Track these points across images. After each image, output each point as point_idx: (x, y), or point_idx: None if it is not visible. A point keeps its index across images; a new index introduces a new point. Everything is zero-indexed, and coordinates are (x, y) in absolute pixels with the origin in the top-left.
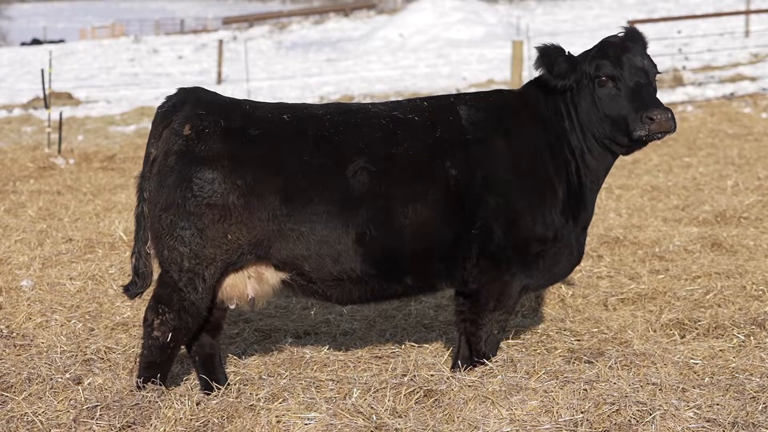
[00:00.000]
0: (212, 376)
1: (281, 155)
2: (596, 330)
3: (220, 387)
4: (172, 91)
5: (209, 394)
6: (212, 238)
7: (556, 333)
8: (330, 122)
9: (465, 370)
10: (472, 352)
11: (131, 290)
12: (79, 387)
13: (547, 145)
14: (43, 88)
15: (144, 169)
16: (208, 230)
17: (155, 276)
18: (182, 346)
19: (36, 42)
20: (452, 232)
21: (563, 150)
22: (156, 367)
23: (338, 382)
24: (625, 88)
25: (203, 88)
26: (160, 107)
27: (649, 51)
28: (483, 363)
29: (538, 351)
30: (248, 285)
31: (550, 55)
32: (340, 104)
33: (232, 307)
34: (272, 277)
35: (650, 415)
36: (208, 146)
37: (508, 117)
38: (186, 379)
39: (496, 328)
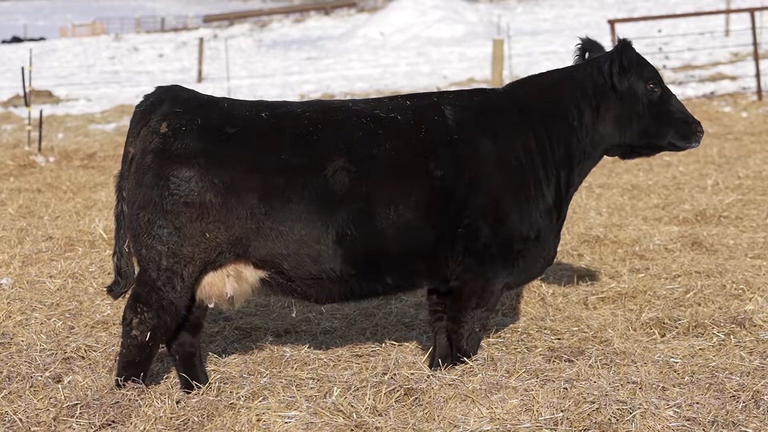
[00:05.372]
0: (192, 374)
1: (259, 153)
2: (576, 329)
3: (200, 386)
4: (152, 89)
5: (189, 393)
6: (190, 237)
7: (537, 332)
8: (309, 120)
9: (445, 368)
10: (453, 350)
11: (115, 290)
12: (59, 385)
13: (539, 146)
14: (24, 86)
15: (123, 167)
16: (186, 229)
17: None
18: (162, 345)
19: (16, 40)
20: (435, 233)
21: (557, 152)
22: (135, 365)
23: (318, 380)
24: (671, 97)
25: (181, 86)
26: (138, 105)
27: None
28: (464, 361)
29: (519, 350)
30: (227, 283)
31: (630, 49)
32: (321, 102)
33: (211, 306)
34: (251, 275)
35: (630, 413)
36: (185, 144)
37: (496, 117)
38: (166, 378)
39: (478, 325)
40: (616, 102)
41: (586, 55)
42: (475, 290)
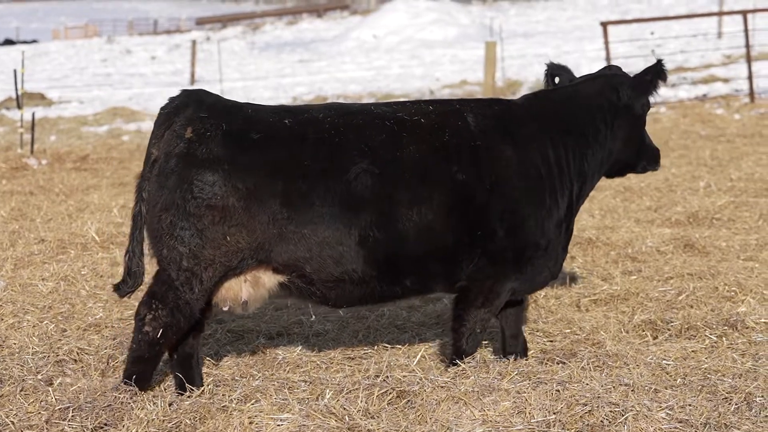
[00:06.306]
0: (188, 376)
1: (282, 159)
2: (569, 331)
3: (194, 388)
4: (145, 91)
5: (182, 395)
6: (212, 240)
7: (529, 334)
8: (331, 125)
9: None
10: (452, 349)
11: (122, 289)
12: (51, 388)
13: (556, 157)
14: (16, 89)
15: (144, 169)
16: (208, 231)
17: (147, 276)
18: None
19: (8, 42)
20: (455, 236)
21: (573, 165)
22: (143, 362)
23: (311, 383)
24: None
25: (206, 91)
26: (162, 108)
27: (622, 52)
28: (457, 364)
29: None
30: (243, 288)
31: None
32: (343, 105)
33: (225, 309)
34: (269, 280)
35: (623, 416)
36: (209, 149)
37: (517, 126)
38: (158, 380)
39: (479, 326)
40: (628, 121)
41: (556, 79)
42: (482, 290)
